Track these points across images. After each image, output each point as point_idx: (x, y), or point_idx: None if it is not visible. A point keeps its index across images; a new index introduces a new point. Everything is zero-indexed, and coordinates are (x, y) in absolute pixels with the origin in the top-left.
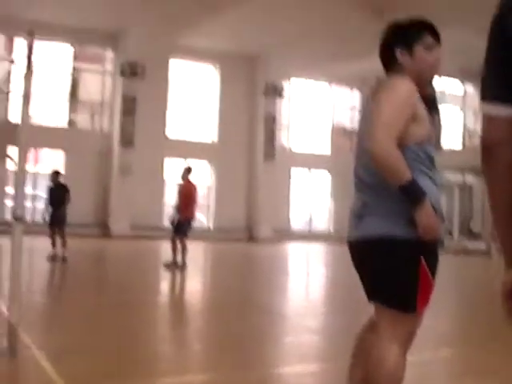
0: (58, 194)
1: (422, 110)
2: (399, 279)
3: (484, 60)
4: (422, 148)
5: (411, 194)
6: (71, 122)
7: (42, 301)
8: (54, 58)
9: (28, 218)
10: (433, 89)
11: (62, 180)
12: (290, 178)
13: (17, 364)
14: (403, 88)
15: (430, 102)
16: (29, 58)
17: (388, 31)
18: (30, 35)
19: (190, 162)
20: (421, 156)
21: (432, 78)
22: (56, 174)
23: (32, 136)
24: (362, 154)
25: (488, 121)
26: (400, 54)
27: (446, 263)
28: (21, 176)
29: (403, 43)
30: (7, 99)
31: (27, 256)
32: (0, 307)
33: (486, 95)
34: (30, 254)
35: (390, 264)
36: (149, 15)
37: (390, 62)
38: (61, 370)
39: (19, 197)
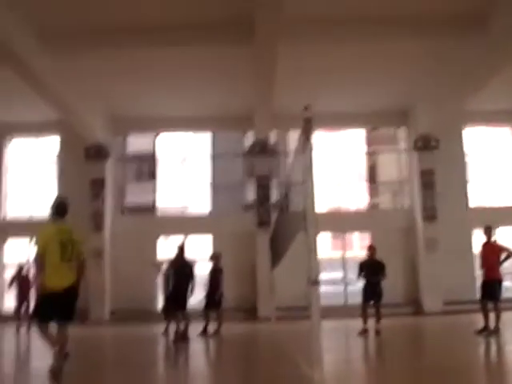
0: (374, 269)
1: None
2: None
3: None
4: None
5: None
6: (372, 203)
7: (352, 367)
8: (349, 145)
9: (342, 301)
10: None
11: (377, 257)
12: None
13: None
14: None
15: None
16: (306, 143)
17: None
18: (307, 123)
19: (503, 230)
20: None
21: None
22: (372, 248)
23: (338, 221)
24: None
25: None
26: None
27: None
28: (312, 242)
29: None
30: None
31: (342, 334)
32: (306, 370)
33: None
34: (346, 332)
35: None
36: (436, 87)
37: None
38: None
39: (313, 263)
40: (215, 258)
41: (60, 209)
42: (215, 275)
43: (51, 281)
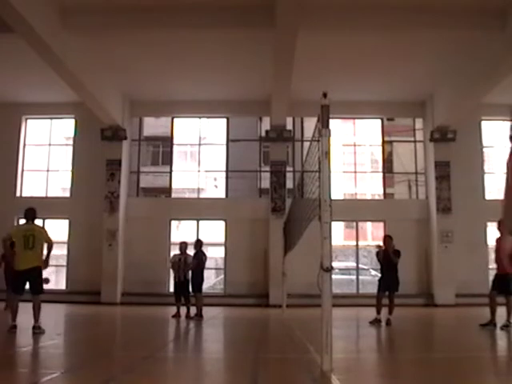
0: (389, 258)
1: None
2: None
3: None
4: None
5: None
6: (387, 193)
7: (361, 355)
8: (367, 134)
9: (354, 290)
10: None
11: (395, 247)
12: None
13: None
14: None
15: None
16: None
17: None
18: (325, 110)
19: None
20: None
21: None
22: (389, 238)
23: (353, 210)
24: None
25: None
26: None
27: None
28: (326, 230)
29: None
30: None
31: (353, 322)
32: (315, 356)
33: None
34: (357, 320)
35: None
36: (454, 79)
37: None
38: None
39: (325, 251)
40: (198, 243)
41: (28, 214)
42: (196, 260)
43: (17, 263)
